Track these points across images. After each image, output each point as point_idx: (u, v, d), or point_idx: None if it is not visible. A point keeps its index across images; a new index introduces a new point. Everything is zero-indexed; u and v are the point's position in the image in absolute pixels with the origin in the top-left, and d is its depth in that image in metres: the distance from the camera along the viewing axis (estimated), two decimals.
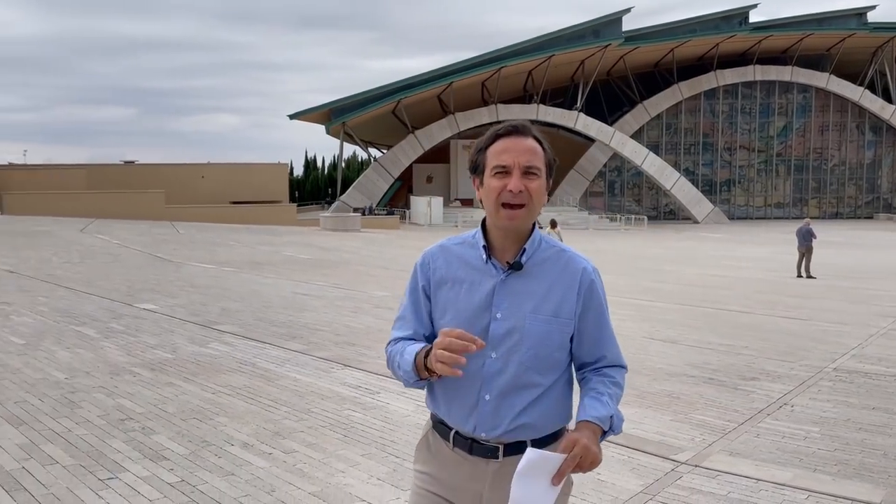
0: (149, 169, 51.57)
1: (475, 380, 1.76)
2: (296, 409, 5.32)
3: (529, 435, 1.77)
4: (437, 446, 1.86)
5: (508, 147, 1.75)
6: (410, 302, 1.90)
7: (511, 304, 1.76)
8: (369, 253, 24.83)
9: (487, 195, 1.76)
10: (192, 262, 17.88)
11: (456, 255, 1.85)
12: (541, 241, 1.83)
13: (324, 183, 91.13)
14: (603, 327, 1.86)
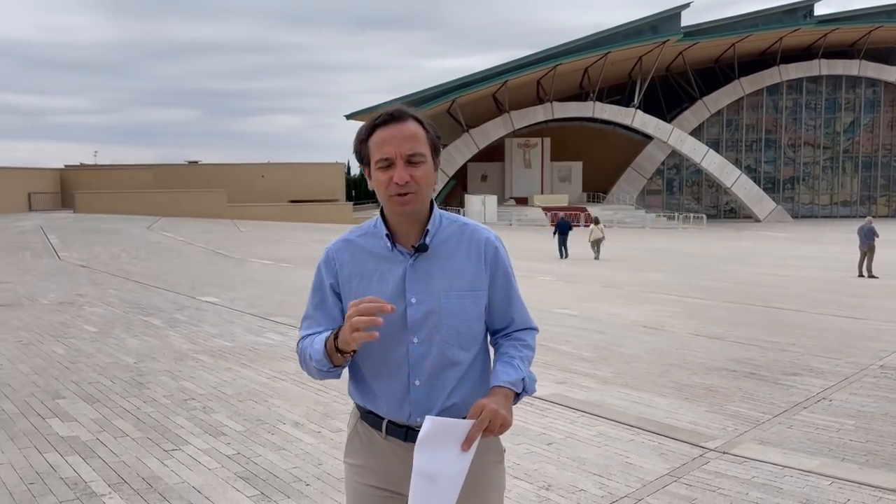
0: (211, 169, 53.18)
1: (402, 367, 1.76)
2: (343, 394, 5.63)
3: (461, 414, 1.75)
4: (368, 437, 1.85)
5: (388, 137, 1.72)
6: (317, 300, 1.86)
7: (424, 286, 1.76)
8: None
9: (377, 188, 1.75)
10: (251, 258, 18.55)
11: (361, 247, 1.82)
12: (441, 218, 1.83)
13: None
14: (510, 293, 1.87)
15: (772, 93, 60.75)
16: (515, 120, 56.34)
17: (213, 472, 3.96)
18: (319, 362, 1.73)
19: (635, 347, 7.84)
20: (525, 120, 56.71)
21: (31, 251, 18.05)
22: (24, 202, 38.95)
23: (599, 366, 6.87)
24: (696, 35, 54.90)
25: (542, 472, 4.06)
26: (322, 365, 1.73)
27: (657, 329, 9.14)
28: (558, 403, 5.47)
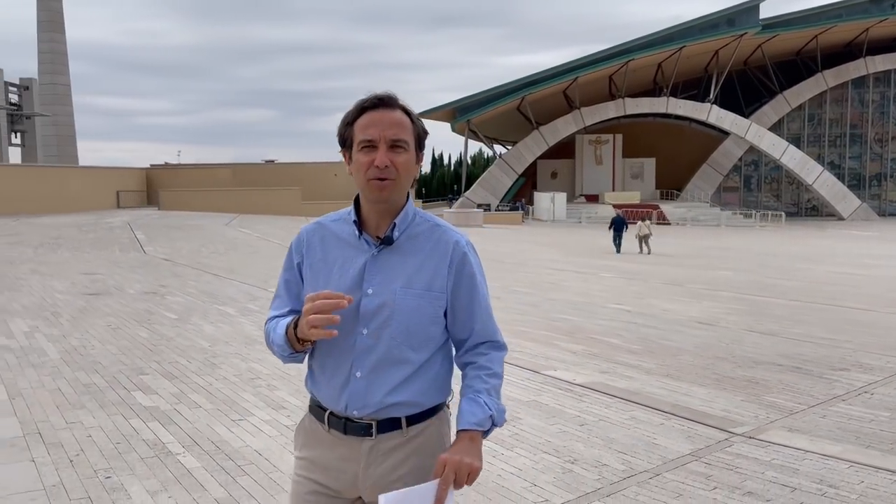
0: (287, 167, 54.93)
1: (347, 357, 1.74)
2: None
3: (404, 412, 1.74)
4: (313, 429, 1.83)
5: (375, 120, 1.71)
6: (284, 280, 1.86)
7: (382, 279, 1.73)
8: (486, 247, 25.51)
9: (356, 170, 1.73)
10: None
11: (332, 231, 1.82)
12: (414, 215, 1.80)
13: (449, 179, 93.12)
14: (474, 301, 1.81)
15: (857, 86, 58.24)
16: (586, 116, 55.90)
17: (272, 439, 4.43)
18: (281, 347, 1.73)
19: (684, 341, 7.98)
20: (596, 116, 56.20)
21: (120, 245, 19.30)
22: (113, 200, 41.29)
23: (645, 358, 7.07)
24: (776, 27, 53.19)
25: (570, 449, 4.37)
26: (284, 350, 1.73)
27: (711, 325, 9.21)
28: (597, 390, 5.74)
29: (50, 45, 46.60)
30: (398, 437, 1.75)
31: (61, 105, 47.10)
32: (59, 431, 4.51)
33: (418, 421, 1.76)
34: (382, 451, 1.74)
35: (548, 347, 7.46)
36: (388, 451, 1.75)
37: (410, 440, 1.76)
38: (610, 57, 53.50)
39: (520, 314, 9.70)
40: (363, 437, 1.74)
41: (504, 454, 4.27)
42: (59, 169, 40.25)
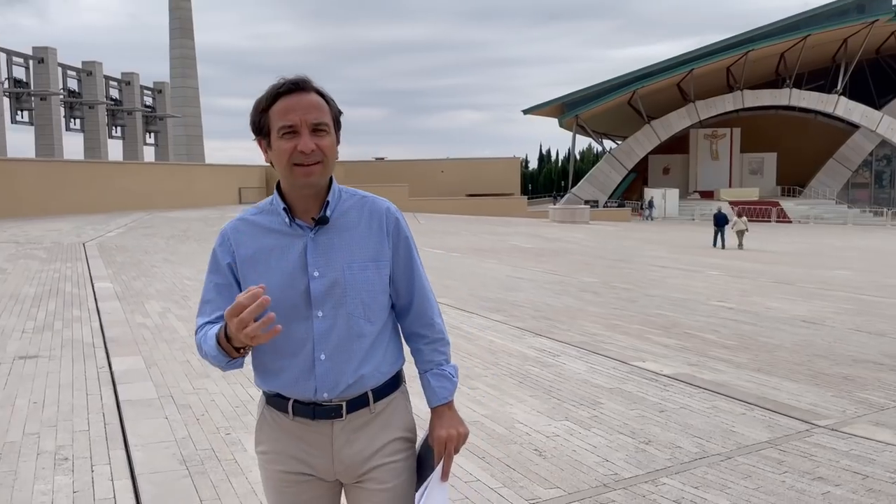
0: (395, 164, 56.39)
1: (306, 342, 1.72)
2: (485, 362, 6.39)
3: (370, 385, 1.77)
4: (275, 421, 1.80)
5: (292, 105, 1.67)
6: (214, 284, 1.78)
7: (326, 259, 1.72)
8: (592, 244, 25.39)
9: (278, 158, 1.69)
10: (424, 247, 19.91)
11: (257, 225, 1.77)
12: (341, 192, 1.79)
13: (557, 176, 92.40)
14: (412, 264, 1.85)
15: None
16: (701, 110, 54.12)
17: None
18: (217, 358, 1.65)
19: (784, 339, 7.86)
20: (712, 110, 54.29)
21: None
22: (235, 195, 43.85)
23: (739, 353, 7.05)
24: None
25: (646, 431, 4.55)
26: (220, 361, 1.65)
27: (816, 323, 8.98)
28: (683, 381, 5.84)
29: (181, 50, 49.97)
30: (366, 414, 1.77)
31: (190, 107, 50.42)
32: (188, 395, 5.14)
33: (383, 396, 1.80)
34: (353, 429, 1.77)
35: (639, 340, 7.57)
36: (357, 429, 1.77)
37: (378, 415, 1.79)
38: (728, 47, 51.54)
39: (615, 308, 9.79)
40: (333, 419, 1.75)
41: (581, 433, 4.51)
42: (187, 167, 43.20)
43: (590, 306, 9.95)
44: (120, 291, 10.32)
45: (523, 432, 4.52)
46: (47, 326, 7.67)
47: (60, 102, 39.48)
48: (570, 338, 7.57)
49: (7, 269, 12.39)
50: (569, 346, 7.12)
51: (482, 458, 4.05)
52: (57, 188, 29.77)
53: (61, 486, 3.60)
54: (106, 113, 42.94)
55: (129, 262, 14.11)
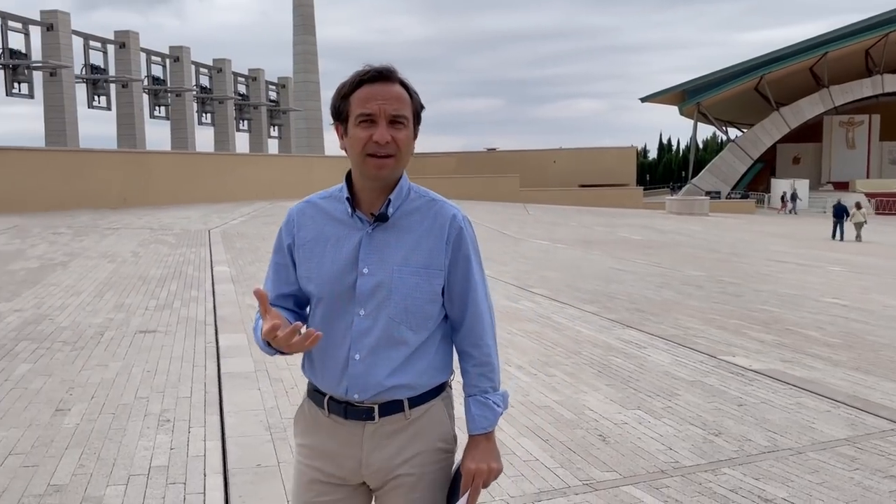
0: (507, 155, 56.39)
1: (344, 339, 1.68)
2: (568, 351, 6.46)
3: (405, 394, 1.70)
4: (313, 415, 1.78)
5: (374, 94, 1.62)
6: (274, 263, 1.81)
7: (378, 257, 1.68)
8: (707, 237, 24.49)
9: (352, 146, 1.65)
10: (530, 238, 19.95)
11: (322, 210, 1.75)
12: (409, 191, 1.74)
13: (677, 166, 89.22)
14: (470, 278, 1.75)
15: None
16: (836, 96, 50.73)
17: None
18: (264, 348, 1.65)
19: (895, 338, 7.42)
20: (848, 95, 50.77)
21: None
22: None
23: (840, 351, 6.74)
24: None
25: (718, 424, 4.51)
26: (269, 351, 1.65)
27: None
28: (770, 377, 5.68)
29: (303, 46, 52.10)
30: (400, 419, 1.71)
31: (312, 101, 52.50)
32: (281, 371, 5.54)
33: (420, 403, 1.73)
34: (385, 434, 1.71)
35: (734, 335, 7.37)
36: (390, 434, 1.72)
37: (413, 422, 1.73)
38: (867, 28, 47.95)
39: (716, 303, 9.53)
40: (365, 421, 1.71)
41: (650, 422, 4.53)
42: (306, 158, 45.10)
43: (689, 300, 9.73)
44: (235, 275, 11.08)
45: (591, 419, 4.59)
46: (167, 305, 8.40)
47: (193, 98, 42.26)
48: (661, 330, 7.48)
49: (140, 252, 13.55)
50: (657, 339, 7.05)
51: (545, 441, 4.17)
52: (188, 178, 31.97)
53: (161, 444, 4.04)
54: (234, 107, 45.55)
55: (246, 248, 15.06)
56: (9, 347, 6.17)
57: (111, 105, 36.92)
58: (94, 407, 4.64)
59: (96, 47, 36.05)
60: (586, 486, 3.54)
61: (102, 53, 36.34)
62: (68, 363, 5.69)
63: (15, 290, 9.17)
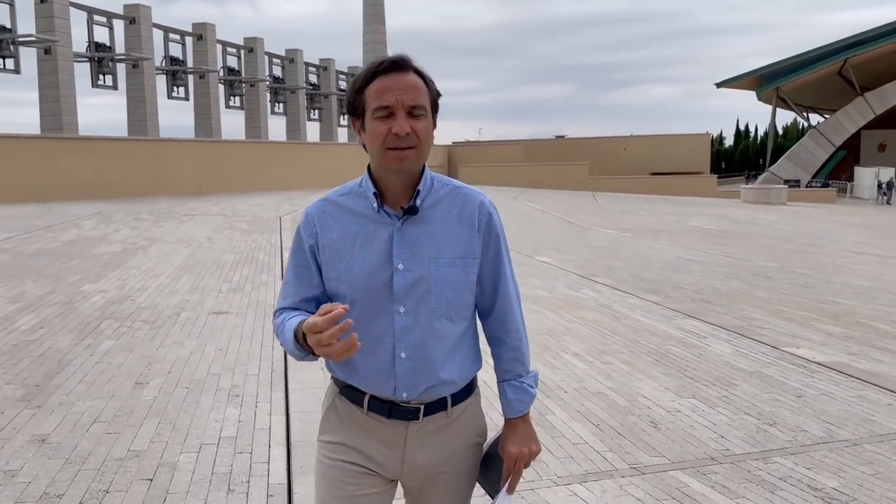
0: (576, 142, 55.71)
1: (387, 338, 1.64)
2: (626, 340, 6.47)
3: (450, 390, 1.69)
4: (347, 413, 1.73)
5: (390, 85, 1.58)
6: (294, 265, 1.74)
7: (412, 252, 1.64)
8: (782, 226, 23.72)
9: (371, 140, 1.61)
10: (597, 227, 19.76)
11: (344, 207, 1.69)
12: (433, 180, 1.71)
13: (755, 153, 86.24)
14: (500, 264, 1.74)
15: None
16: None
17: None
18: (293, 352, 1.61)
19: None
20: None
21: None
22: None
23: None
24: None
25: (774, 414, 4.48)
26: (296, 355, 1.61)
27: None
28: (834, 369, 5.57)
29: (373, 35, 52.71)
30: (442, 418, 1.71)
31: None
32: None
33: (461, 400, 1.73)
34: (427, 433, 1.70)
35: (801, 327, 7.21)
36: (432, 432, 1.71)
37: (453, 421, 1.73)
38: None
39: (785, 294, 9.31)
40: (409, 420, 1.69)
41: (704, 410, 4.54)
42: None
43: (758, 291, 9.53)
44: None
45: (644, 406, 4.63)
46: (239, 288, 8.79)
47: (266, 88, 43.40)
48: (725, 321, 7.38)
49: (214, 238, 14.13)
50: (719, 329, 6.97)
51: (596, 425, 4.24)
52: (261, 166, 32.93)
53: (230, 416, 4.30)
54: (305, 97, 46.52)
55: None
56: (94, 325, 6.61)
57: (189, 95, 38.32)
58: (170, 381, 4.96)
59: (175, 39, 37.44)
60: (633, 470, 3.61)
61: (181, 45, 37.71)
62: (147, 340, 6.07)
63: (100, 272, 9.75)
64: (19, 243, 12.56)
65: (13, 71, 29.74)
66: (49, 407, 4.41)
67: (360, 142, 1.67)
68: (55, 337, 6.14)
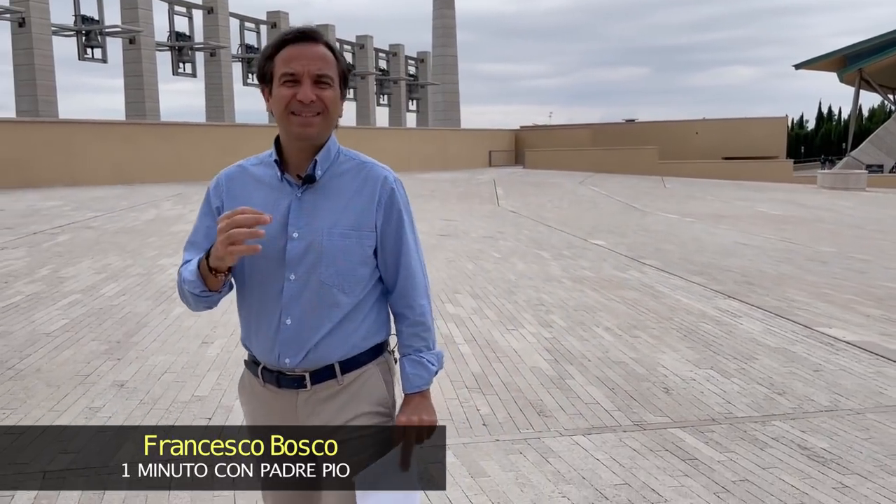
0: (646, 126, 54.74)
1: (275, 305, 1.67)
2: (660, 317, 6.73)
3: (336, 357, 1.70)
4: (250, 384, 1.79)
5: (297, 54, 1.63)
6: (202, 225, 1.77)
7: (308, 221, 1.66)
8: (855, 213, 23.01)
9: (277, 105, 1.65)
10: (658, 212, 19.70)
11: (252, 175, 1.74)
12: (339, 153, 1.73)
13: (836, 137, 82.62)
14: (402, 239, 1.75)
15: None
16: None
17: (529, 344, 5.60)
18: (192, 284, 1.62)
19: None
20: None
21: (480, 199, 22.12)
22: (485, 159, 46.07)
23: None
24: None
25: (785, 385, 4.71)
26: (194, 287, 1.62)
27: None
28: (861, 348, 5.71)
29: (442, 20, 53.09)
30: (333, 385, 1.72)
31: (449, 74, 53.52)
32: None
33: (353, 368, 1.72)
34: (318, 400, 1.71)
35: (841, 309, 7.29)
36: (323, 400, 1.71)
37: (346, 388, 1.72)
38: None
39: (834, 278, 9.30)
40: (297, 389, 1.71)
41: (718, 380, 4.81)
42: (441, 131, 46.23)
43: (807, 275, 9.54)
44: None
45: (661, 374, 4.93)
46: None
47: None
48: (764, 302, 7.52)
49: None
50: (755, 309, 7.13)
51: (610, 389, 4.58)
52: None
53: None
54: (375, 83, 47.37)
55: None
56: (168, 294, 7.30)
57: None
58: (231, 341, 5.54)
59: (250, 28, 38.77)
60: (636, 426, 3.95)
61: (255, 34, 39.02)
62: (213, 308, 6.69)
63: (176, 247, 10.54)
64: (105, 222, 13.59)
65: (101, 60, 31.53)
66: (127, 359, 5.05)
67: (267, 108, 1.72)
68: (134, 303, 6.85)
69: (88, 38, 30.88)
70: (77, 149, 23.40)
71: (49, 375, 4.65)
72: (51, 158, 22.51)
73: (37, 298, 6.87)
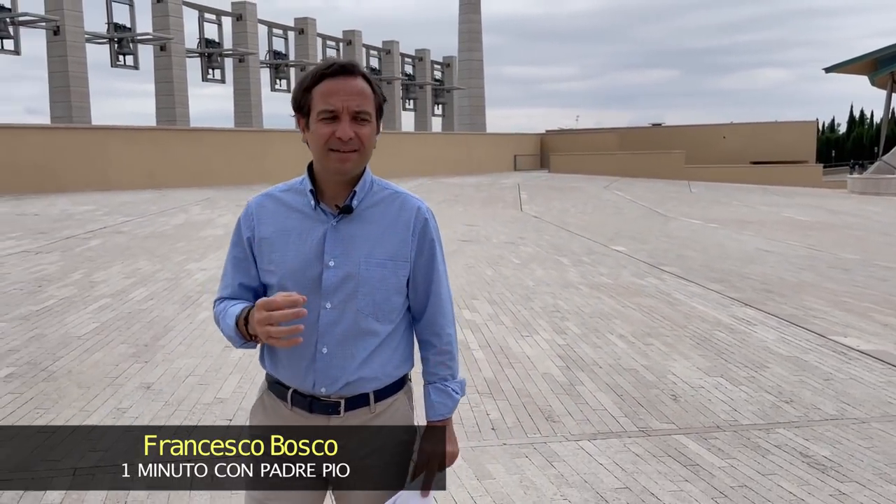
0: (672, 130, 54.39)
1: (311, 333, 1.67)
2: (674, 324, 6.80)
3: (372, 386, 1.73)
4: (273, 407, 1.79)
5: (336, 89, 1.65)
6: (232, 257, 1.80)
7: (344, 250, 1.70)
8: (883, 219, 22.70)
9: (315, 141, 1.68)
10: (682, 217, 19.64)
11: (283, 203, 1.76)
12: (372, 183, 1.77)
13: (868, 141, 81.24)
14: (433, 270, 1.79)
15: None
16: None
17: (542, 350, 5.72)
18: (232, 339, 1.68)
19: None
20: None
21: (503, 203, 22.23)
22: (510, 163, 46.16)
23: None
24: None
25: (793, 393, 4.78)
26: (235, 341, 1.68)
27: None
28: (875, 357, 5.74)
29: (468, 25, 53.31)
30: (365, 413, 1.74)
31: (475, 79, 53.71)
32: None
33: (385, 396, 1.76)
34: (351, 428, 1.73)
35: (858, 318, 7.30)
36: (354, 428, 1.74)
37: (377, 416, 1.76)
38: None
39: (855, 286, 9.28)
40: (330, 415, 1.73)
41: (726, 388, 4.89)
42: (466, 136, 46.41)
43: (827, 283, 9.53)
44: None
45: (671, 381, 5.02)
46: None
47: None
48: (780, 310, 7.55)
49: None
50: (771, 317, 7.17)
51: (619, 396, 4.69)
52: None
53: None
54: (401, 87, 47.71)
55: None
56: (194, 298, 7.54)
57: (290, 88, 40.20)
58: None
59: (278, 34, 39.33)
60: (641, 432, 4.06)
61: (283, 40, 39.58)
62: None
63: (203, 252, 10.82)
64: (135, 227, 13.95)
65: (132, 67, 32.24)
66: (154, 362, 5.27)
67: (303, 139, 1.74)
68: (162, 307, 7.09)
69: (121, 46, 31.60)
70: (109, 154, 23.97)
71: (80, 377, 4.88)
72: (83, 164, 23.09)
73: (69, 302, 7.15)
